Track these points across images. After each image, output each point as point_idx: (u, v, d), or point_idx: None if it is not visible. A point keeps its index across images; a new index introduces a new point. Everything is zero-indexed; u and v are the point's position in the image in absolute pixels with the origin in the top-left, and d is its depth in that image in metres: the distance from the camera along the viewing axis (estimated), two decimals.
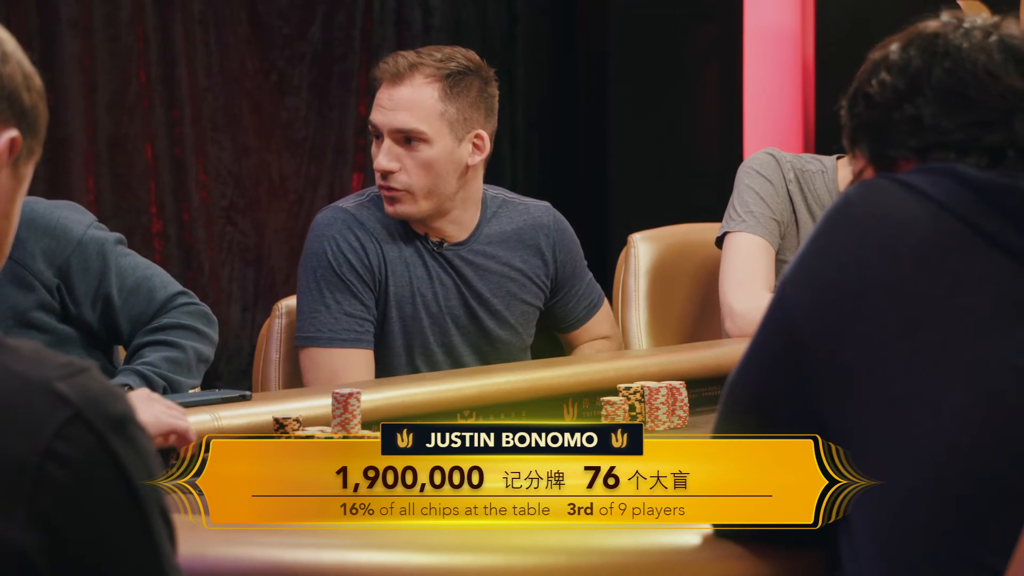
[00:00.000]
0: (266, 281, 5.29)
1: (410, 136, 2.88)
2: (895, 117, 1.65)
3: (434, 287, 2.96)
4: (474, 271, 3.00)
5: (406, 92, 2.88)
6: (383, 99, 2.90)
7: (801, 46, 4.98)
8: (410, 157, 2.88)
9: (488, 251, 3.02)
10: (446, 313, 2.97)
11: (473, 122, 2.91)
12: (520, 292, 3.04)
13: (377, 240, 2.94)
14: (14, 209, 1.28)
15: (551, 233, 3.09)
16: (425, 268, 2.96)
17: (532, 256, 3.06)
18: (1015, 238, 1.54)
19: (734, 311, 3.14)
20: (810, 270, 1.58)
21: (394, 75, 2.89)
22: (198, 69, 5.10)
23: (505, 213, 3.06)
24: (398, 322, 2.95)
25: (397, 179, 2.88)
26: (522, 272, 3.05)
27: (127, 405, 1.18)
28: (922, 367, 1.52)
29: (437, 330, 2.97)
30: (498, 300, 3.01)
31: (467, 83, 2.91)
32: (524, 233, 3.06)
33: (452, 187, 2.92)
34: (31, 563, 1.11)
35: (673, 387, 2.61)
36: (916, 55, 1.65)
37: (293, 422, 2.30)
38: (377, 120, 2.90)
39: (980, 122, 1.61)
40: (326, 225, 2.94)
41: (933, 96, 1.63)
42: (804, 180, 3.27)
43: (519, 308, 3.04)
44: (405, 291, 2.95)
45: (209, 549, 1.59)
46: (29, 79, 1.28)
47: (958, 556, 1.49)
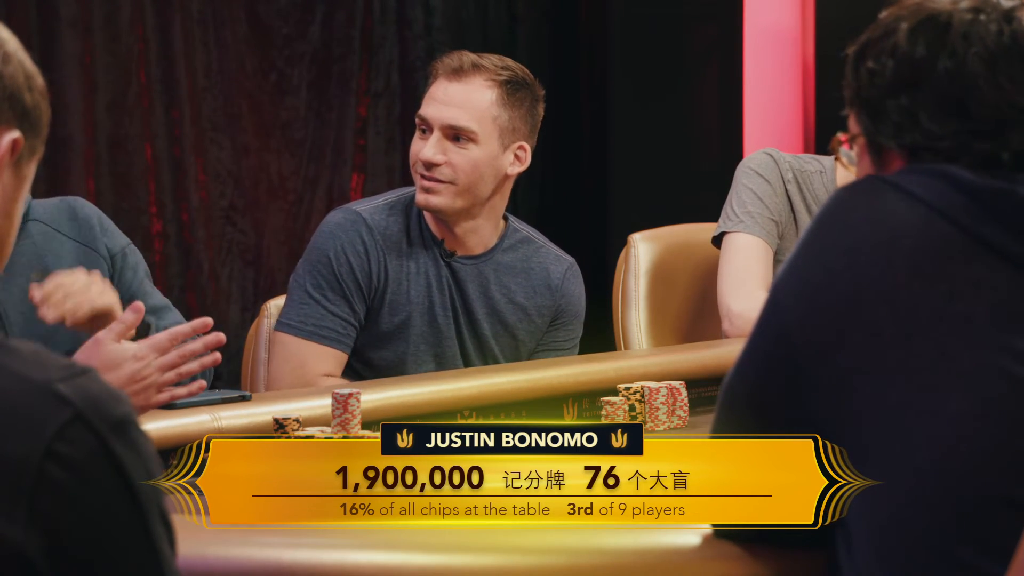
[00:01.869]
0: (265, 281, 5.29)
1: (460, 134, 2.90)
2: (890, 104, 1.62)
3: (431, 297, 2.97)
4: (475, 289, 3.00)
5: (465, 90, 2.91)
6: (438, 93, 2.92)
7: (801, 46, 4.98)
8: (457, 153, 2.90)
9: (495, 277, 3.03)
10: (440, 325, 2.98)
11: (520, 133, 2.95)
12: (513, 325, 3.04)
13: (383, 248, 2.95)
14: (16, 209, 1.29)
15: (556, 291, 3.08)
16: (428, 278, 2.97)
17: (534, 300, 3.06)
18: (1010, 244, 1.52)
19: (731, 312, 3.15)
20: (802, 275, 1.58)
21: (455, 71, 2.91)
22: (197, 69, 5.10)
23: (523, 249, 3.07)
24: (392, 331, 2.95)
25: (442, 172, 2.90)
26: (520, 308, 3.04)
27: (128, 407, 1.18)
28: (918, 374, 1.51)
29: (430, 341, 2.98)
30: (488, 326, 3.02)
31: (523, 95, 2.94)
32: (534, 276, 3.06)
33: (487, 192, 2.94)
34: (31, 563, 1.12)
35: (673, 387, 2.61)
36: (922, 44, 1.60)
37: (293, 422, 2.30)
38: (430, 113, 2.92)
39: (972, 131, 1.58)
40: (336, 225, 2.96)
41: (931, 94, 1.60)
42: (802, 180, 3.27)
43: (506, 340, 3.04)
44: (402, 299, 2.95)
45: (209, 549, 1.60)
46: (31, 79, 1.28)
47: (956, 562, 1.48)
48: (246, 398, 2.46)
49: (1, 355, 1.16)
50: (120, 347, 2.26)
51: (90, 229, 2.71)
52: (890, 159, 1.63)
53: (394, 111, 5.51)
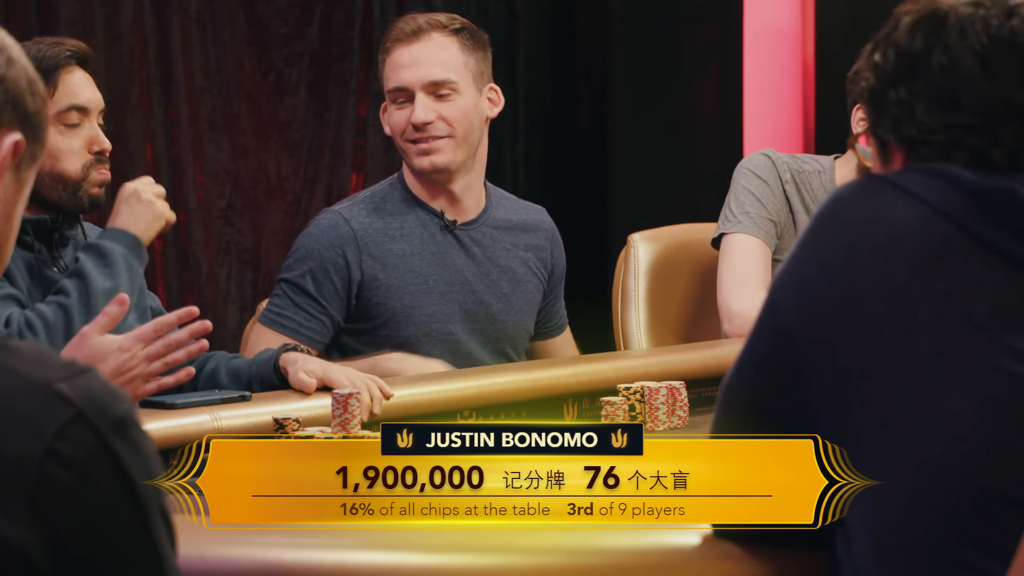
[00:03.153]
0: (264, 282, 5.28)
1: (442, 87, 2.93)
2: (890, 96, 1.63)
3: (441, 271, 2.98)
4: (483, 252, 3.03)
5: (429, 47, 2.95)
6: (404, 59, 2.95)
7: (801, 46, 4.97)
8: (445, 106, 2.94)
9: (495, 235, 3.06)
10: (456, 296, 2.98)
11: (486, 76, 3.01)
12: (525, 278, 3.06)
13: (371, 242, 2.96)
14: (16, 213, 1.29)
15: (551, 236, 3.16)
16: (434, 251, 2.98)
17: (534, 250, 3.09)
18: (1010, 243, 1.52)
19: (731, 312, 3.15)
20: (801, 274, 1.58)
21: (414, 33, 2.95)
22: (195, 69, 5.10)
23: (507, 204, 3.12)
24: (399, 311, 2.95)
25: (437, 128, 2.93)
26: (525, 262, 3.07)
27: (129, 406, 1.18)
28: (918, 374, 1.51)
29: (442, 316, 2.97)
30: (506, 284, 3.03)
31: (477, 39, 3.00)
32: (528, 226, 3.11)
33: (478, 139, 2.99)
34: (32, 562, 1.12)
35: (673, 387, 2.61)
36: (920, 37, 1.61)
37: (293, 422, 2.30)
38: (407, 79, 2.94)
39: (965, 126, 1.59)
40: (321, 229, 2.99)
41: (926, 86, 1.60)
42: (800, 181, 3.27)
43: (524, 295, 3.06)
44: (402, 280, 2.96)
45: (209, 549, 1.59)
46: (33, 84, 1.28)
47: (956, 561, 1.48)
48: (246, 398, 2.47)
49: (2, 354, 1.16)
50: (105, 339, 2.27)
51: None
52: (892, 153, 1.64)
53: None
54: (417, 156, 2.94)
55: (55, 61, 2.59)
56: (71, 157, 2.60)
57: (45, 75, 2.57)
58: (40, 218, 2.62)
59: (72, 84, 2.61)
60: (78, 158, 2.61)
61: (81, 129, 2.62)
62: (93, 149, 2.62)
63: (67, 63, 2.61)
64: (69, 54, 2.61)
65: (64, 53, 2.61)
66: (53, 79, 2.58)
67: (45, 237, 2.64)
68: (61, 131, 2.59)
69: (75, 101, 2.60)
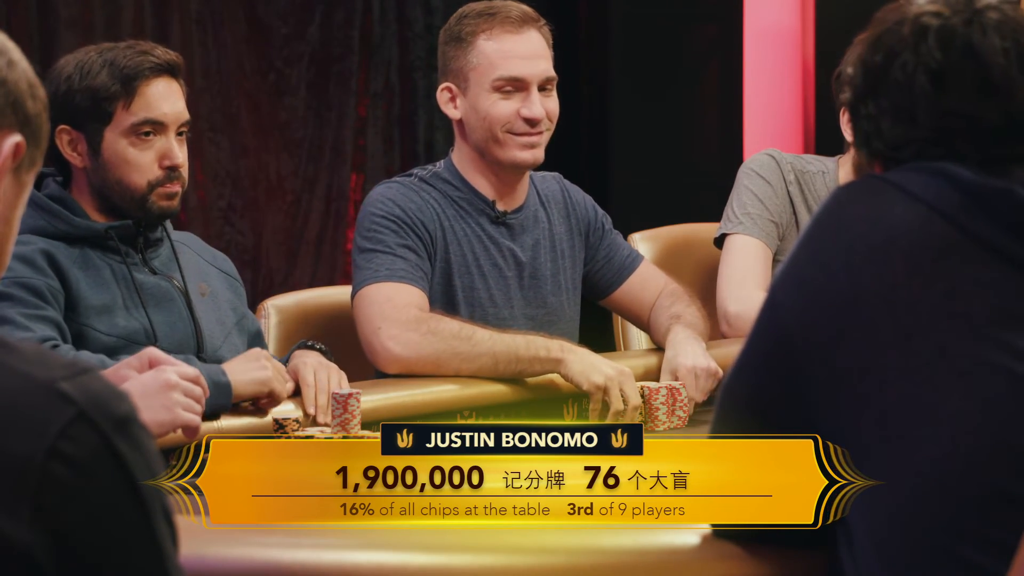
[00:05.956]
0: (264, 282, 5.29)
1: (549, 83, 2.91)
2: (861, 111, 1.64)
3: (492, 257, 2.91)
4: (529, 237, 2.96)
5: (535, 40, 2.90)
6: (520, 49, 2.88)
7: (801, 46, 4.98)
8: (550, 102, 2.91)
9: (539, 216, 3.00)
10: (507, 283, 2.92)
11: None
12: (568, 252, 3.01)
13: (436, 211, 2.88)
14: (15, 216, 1.29)
15: (566, 197, 3.08)
16: (484, 239, 2.91)
17: (567, 220, 3.04)
18: (1009, 243, 1.53)
19: (728, 313, 3.15)
20: (800, 275, 1.58)
21: (521, 23, 2.88)
22: (196, 69, 5.10)
23: (539, 182, 3.06)
24: (459, 291, 2.88)
25: (544, 124, 2.90)
26: (561, 235, 3.01)
27: (130, 405, 1.18)
28: (918, 373, 1.51)
29: (494, 301, 2.90)
30: (551, 264, 2.98)
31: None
32: (552, 198, 3.05)
33: None
34: (35, 562, 1.12)
35: (673, 387, 2.61)
36: (881, 52, 1.62)
37: (293, 422, 2.30)
38: (526, 71, 2.87)
39: (924, 139, 1.59)
40: (387, 188, 2.87)
41: (888, 103, 1.61)
42: (804, 181, 3.27)
43: (568, 271, 3.01)
44: (462, 261, 2.88)
45: (209, 549, 1.59)
46: (34, 88, 1.28)
47: (957, 560, 1.49)
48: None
49: (4, 354, 1.16)
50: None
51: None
52: (873, 166, 1.65)
53: (393, 111, 5.51)
54: (521, 149, 2.87)
55: (136, 71, 2.54)
56: (140, 170, 2.55)
57: (124, 84, 2.53)
58: (123, 223, 2.58)
59: (150, 96, 2.55)
60: (147, 172, 2.55)
61: (155, 142, 2.55)
62: (164, 164, 2.55)
63: (148, 74, 2.55)
64: (151, 65, 2.56)
65: (147, 63, 2.55)
66: (131, 89, 2.54)
67: (130, 241, 2.61)
68: (133, 143, 2.54)
69: (150, 115, 2.54)
